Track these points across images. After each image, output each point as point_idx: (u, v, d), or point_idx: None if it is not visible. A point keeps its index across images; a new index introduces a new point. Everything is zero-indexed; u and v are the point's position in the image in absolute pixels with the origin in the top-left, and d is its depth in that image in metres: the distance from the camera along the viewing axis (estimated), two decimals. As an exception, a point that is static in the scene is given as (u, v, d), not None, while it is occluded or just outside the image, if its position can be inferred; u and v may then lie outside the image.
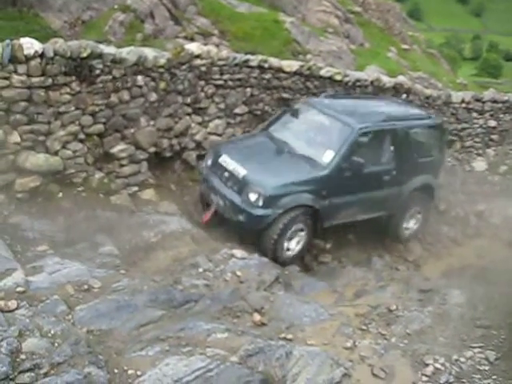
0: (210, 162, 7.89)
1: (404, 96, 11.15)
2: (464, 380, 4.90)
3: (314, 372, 4.78)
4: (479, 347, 5.38)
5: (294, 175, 7.39)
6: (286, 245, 7.47)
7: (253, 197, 7.05)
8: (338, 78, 10.18)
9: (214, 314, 5.37)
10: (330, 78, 10.06)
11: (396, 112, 8.84)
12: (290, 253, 7.60)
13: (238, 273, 6.30)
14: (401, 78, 11.81)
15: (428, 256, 9.03)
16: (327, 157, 7.53)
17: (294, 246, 7.64)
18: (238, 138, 9.07)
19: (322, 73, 9.99)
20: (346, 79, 10.32)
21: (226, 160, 7.55)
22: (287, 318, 5.69)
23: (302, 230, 7.58)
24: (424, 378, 5.07)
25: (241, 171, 7.28)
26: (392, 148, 8.22)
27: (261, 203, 7.01)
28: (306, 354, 4.91)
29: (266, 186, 7.08)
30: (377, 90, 10.77)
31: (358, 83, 10.51)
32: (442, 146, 9.47)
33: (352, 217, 8.09)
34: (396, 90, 11.11)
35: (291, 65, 9.62)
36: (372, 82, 10.79)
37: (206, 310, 5.39)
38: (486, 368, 5.06)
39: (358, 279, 7.51)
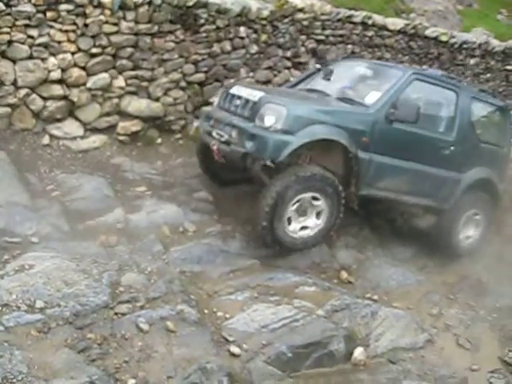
0: (216, 102, 6.44)
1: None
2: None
3: (398, 334, 4.82)
4: None
5: (327, 105, 5.80)
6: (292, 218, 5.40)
7: (269, 120, 5.23)
8: (444, 38, 9.74)
9: (302, 267, 5.45)
10: (435, 38, 9.64)
11: (457, 80, 7.06)
12: (302, 233, 5.49)
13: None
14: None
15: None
16: (371, 97, 5.87)
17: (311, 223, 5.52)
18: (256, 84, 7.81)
19: (428, 33, 9.57)
20: (453, 40, 9.87)
21: (238, 89, 5.97)
22: (374, 279, 5.69)
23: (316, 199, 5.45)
24: (511, 354, 4.98)
25: (257, 93, 5.59)
26: (453, 114, 6.41)
27: (280, 126, 5.16)
28: (392, 315, 4.94)
29: (289, 105, 5.35)
30: (485, 54, 10.23)
31: (465, 45, 10.02)
32: (508, 137, 7.34)
33: (395, 193, 6.04)
34: (506, 55, 10.51)
35: (396, 23, 9.27)
36: (480, 45, 10.26)
37: (295, 263, 5.47)
38: None
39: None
